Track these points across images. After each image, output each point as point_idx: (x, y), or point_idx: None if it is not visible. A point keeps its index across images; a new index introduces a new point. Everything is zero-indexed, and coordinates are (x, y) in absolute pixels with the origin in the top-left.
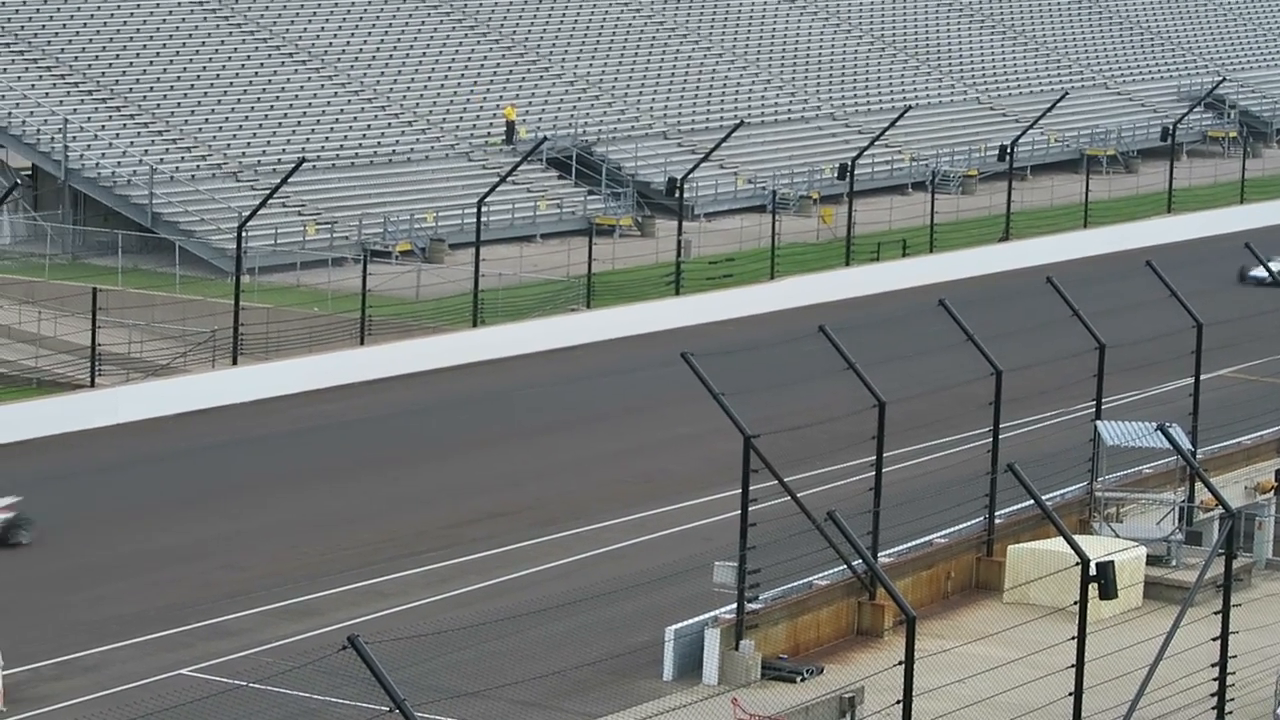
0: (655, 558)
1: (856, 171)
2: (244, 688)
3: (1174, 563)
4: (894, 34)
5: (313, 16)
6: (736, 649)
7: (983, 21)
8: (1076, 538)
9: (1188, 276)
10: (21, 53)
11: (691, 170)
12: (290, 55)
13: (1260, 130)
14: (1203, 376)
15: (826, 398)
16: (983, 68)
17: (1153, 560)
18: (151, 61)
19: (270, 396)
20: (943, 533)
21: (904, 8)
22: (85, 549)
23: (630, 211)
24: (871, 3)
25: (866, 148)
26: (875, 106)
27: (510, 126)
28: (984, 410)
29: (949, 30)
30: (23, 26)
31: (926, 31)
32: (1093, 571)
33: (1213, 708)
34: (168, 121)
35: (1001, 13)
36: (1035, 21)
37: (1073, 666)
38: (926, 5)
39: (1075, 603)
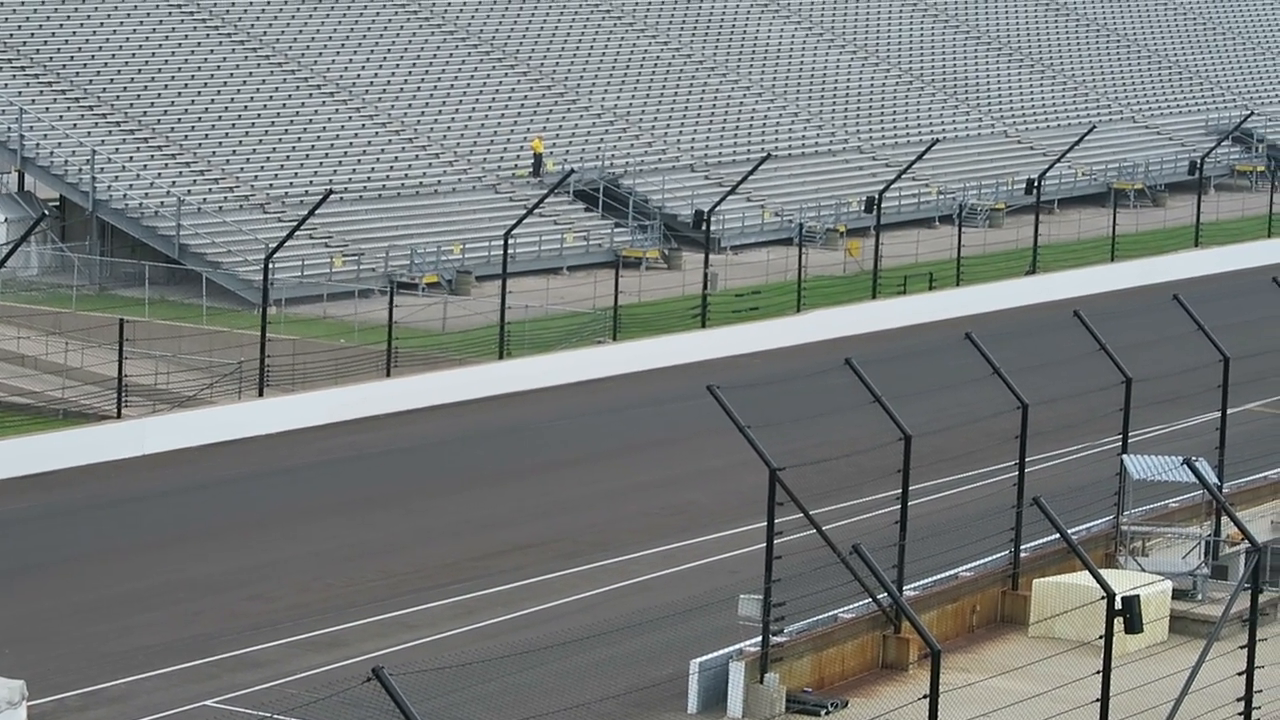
0: (681, 590)
1: (883, 204)
2: (269, 719)
3: (1200, 597)
4: (921, 67)
5: (340, 49)
6: (761, 682)
7: (1010, 55)
8: (1102, 572)
9: (1215, 310)
10: (50, 84)
11: (718, 203)
12: (318, 87)
13: None
14: (1230, 410)
15: (852, 431)
16: (1010, 101)
17: (1178, 594)
18: (179, 93)
19: (296, 428)
20: (968, 566)
21: (931, 41)
22: (112, 580)
23: (657, 244)
24: (899, 36)
25: (893, 181)
26: (902, 140)
27: (537, 159)
28: (1010, 444)
29: (976, 64)
30: (51, 58)
31: (954, 65)
32: (1118, 605)
33: None
34: (195, 153)
35: (1029, 46)
36: (1063, 55)
37: (1098, 701)
38: (954, 39)
39: (1101, 637)
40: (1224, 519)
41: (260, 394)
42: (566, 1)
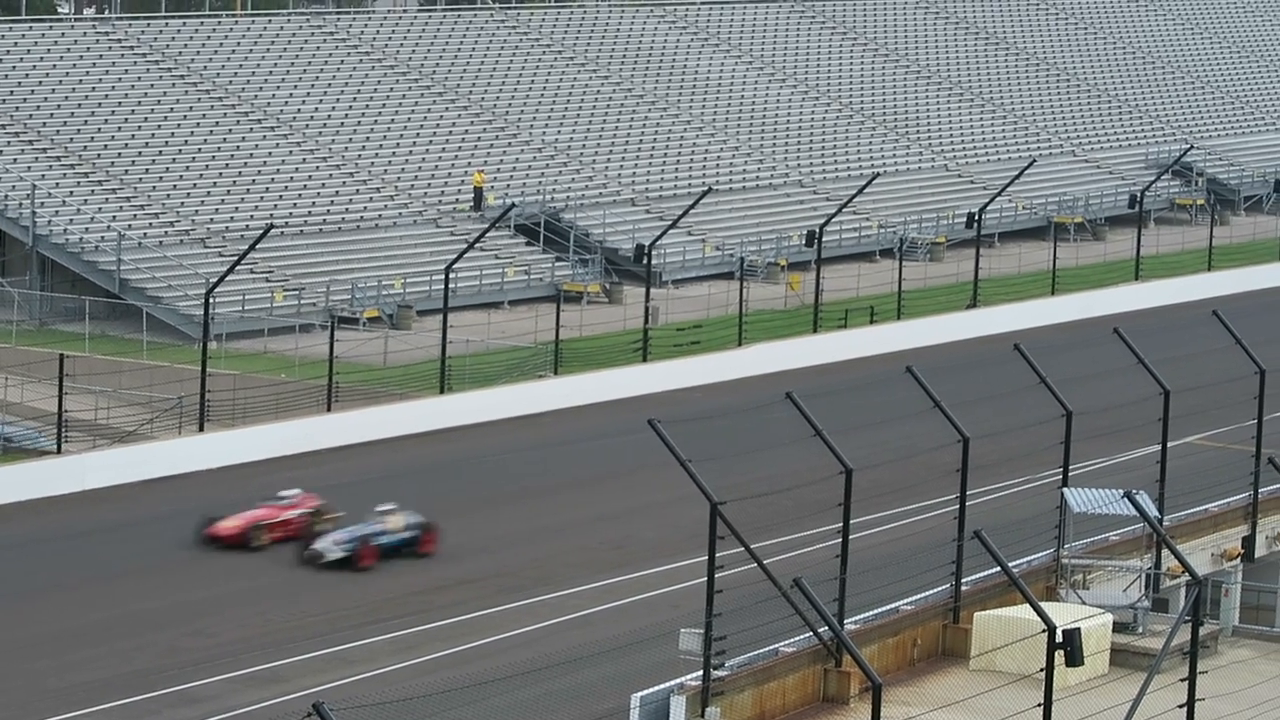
0: (622, 624)
1: (824, 238)
2: None
3: (1140, 630)
4: (862, 102)
5: (280, 83)
6: (702, 716)
7: (950, 89)
8: (1043, 605)
9: (1155, 344)
10: None
11: (659, 237)
12: (258, 121)
13: (1228, 198)
14: (1170, 443)
15: (794, 464)
16: (950, 135)
17: (1119, 627)
18: (120, 128)
19: (237, 463)
20: (909, 600)
21: (873, 76)
22: (52, 616)
23: (598, 278)
24: (840, 71)
25: (835, 214)
26: (843, 174)
27: (478, 193)
28: (951, 477)
29: (917, 98)
30: None
31: (894, 99)
32: (1059, 638)
33: None
34: (135, 187)
35: (969, 81)
36: (1003, 90)
37: None
38: (895, 73)
39: (1042, 670)
40: (1164, 552)
41: (201, 429)
42: (506, 36)
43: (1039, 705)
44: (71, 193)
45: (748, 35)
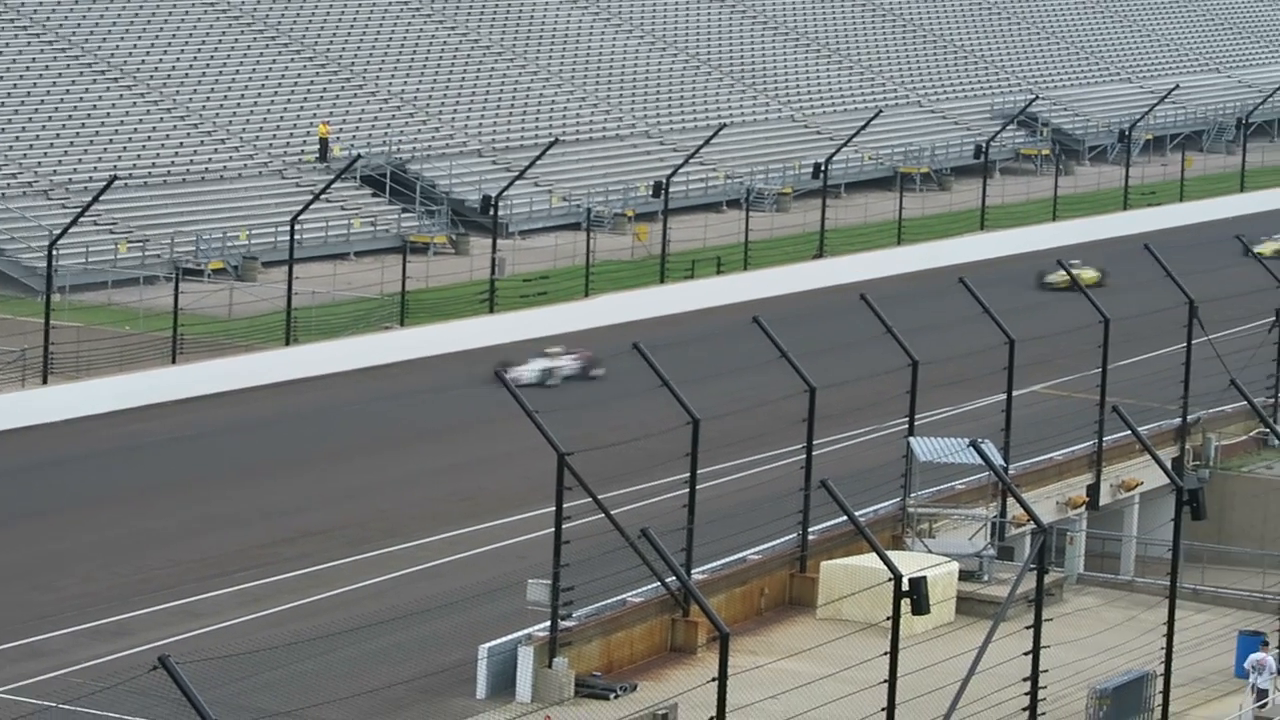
0: (470, 576)
1: (671, 189)
2: (54, 709)
3: (986, 578)
4: (709, 52)
5: (125, 34)
6: (550, 666)
7: (796, 40)
8: (889, 553)
9: (1000, 294)
10: None
11: (506, 188)
12: (102, 72)
13: (1073, 148)
14: (1015, 393)
15: (641, 415)
16: (797, 86)
17: (965, 575)
18: None
19: (81, 416)
20: (756, 549)
21: (719, 25)
22: None
23: (444, 229)
24: (685, 21)
25: (681, 165)
26: (690, 124)
27: (323, 144)
28: (798, 427)
29: (763, 49)
30: None
31: (741, 49)
32: (905, 587)
33: None
34: None
35: (816, 31)
36: (848, 40)
37: (885, 682)
38: (741, 23)
39: (888, 618)
40: (1010, 500)
41: (44, 381)
42: None
43: (885, 653)
44: None
45: None
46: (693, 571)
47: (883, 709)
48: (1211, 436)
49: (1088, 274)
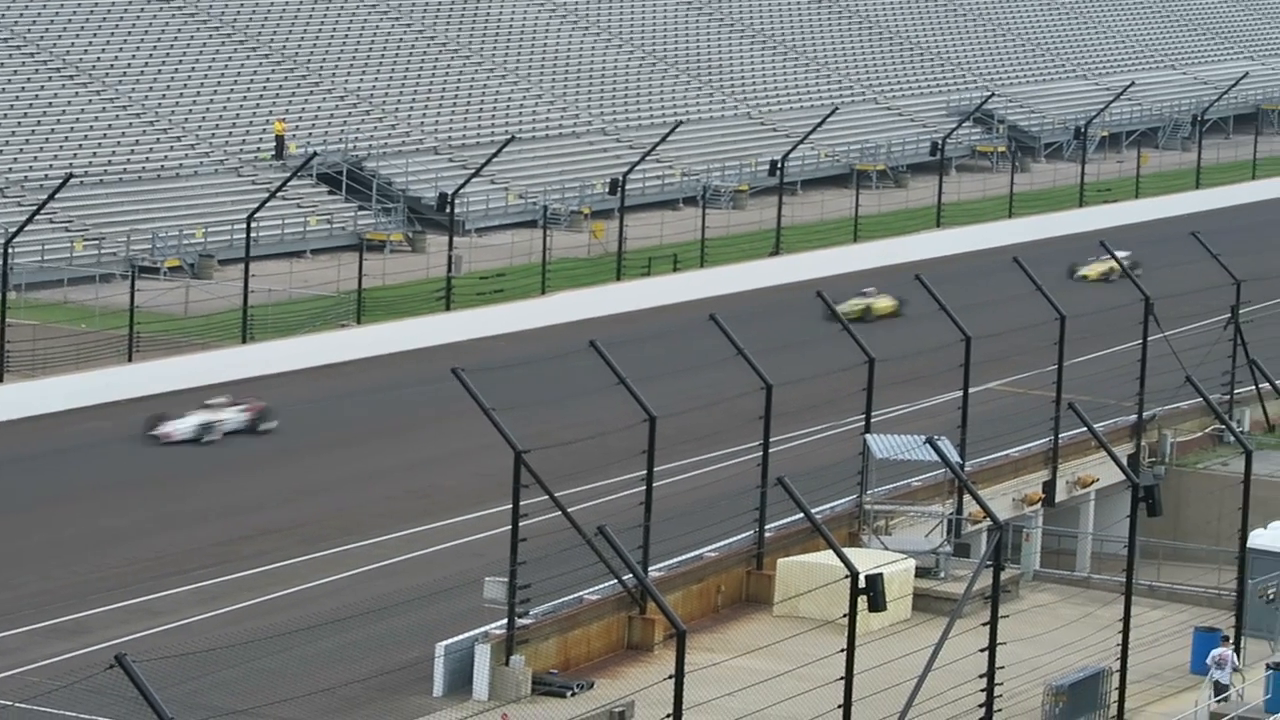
0: (426, 574)
1: (627, 186)
2: (10, 708)
3: (942, 575)
4: (665, 49)
5: (79, 31)
6: (507, 664)
7: (752, 37)
8: (846, 550)
9: (957, 291)
10: None
11: (462, 185)
12: (56, 70)
13: (1029, 145)
14: (971, 390)
15: (598, 413)
16: (753, 83)
17: (921, 572)
18: None
19: (37, 414)
20: (713, 547)
21: (675, 23)
22: None
23: (401, 227)
24: (643, 18)
25: (638, 163)
26: (646, 121)
27: (280, 141)
28: (754, 424)
29: (720, 45)
30: None
31: (697, 47)
32: (862, 584)
33: (982, 718)
34: None
35: (772, 28)
36: (804, 37)
37: (842, 679)
38: (697, 20)
39: (845, 615)
40: (966, 497)
41: (0, 379)
42: None
43: (842, 650)
44: None
45: None
46: (650, 569)
47: (839, 706)
48: (1167, 433)
49: (883, 303)
